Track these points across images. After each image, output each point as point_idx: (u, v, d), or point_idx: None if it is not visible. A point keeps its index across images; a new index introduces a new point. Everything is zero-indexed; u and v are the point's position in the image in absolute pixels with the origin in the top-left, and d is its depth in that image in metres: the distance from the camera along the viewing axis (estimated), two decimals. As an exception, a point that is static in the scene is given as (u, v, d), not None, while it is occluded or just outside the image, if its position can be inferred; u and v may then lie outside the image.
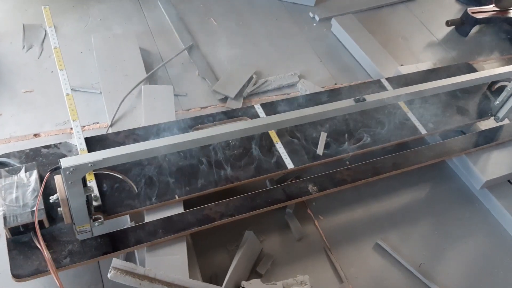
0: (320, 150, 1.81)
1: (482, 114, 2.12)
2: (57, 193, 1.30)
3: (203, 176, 1.64)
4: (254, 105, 1.92)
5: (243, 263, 1.57)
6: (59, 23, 2.31)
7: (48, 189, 1.47)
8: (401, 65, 2.40)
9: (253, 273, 1.61)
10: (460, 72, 2.13)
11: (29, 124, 1.88)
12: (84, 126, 1.92)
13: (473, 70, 2.31)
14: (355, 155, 1.85)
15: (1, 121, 1.87)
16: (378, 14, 2.84)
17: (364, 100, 1.54)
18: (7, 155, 1.59)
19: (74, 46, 2.22)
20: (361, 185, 1.89)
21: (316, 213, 1.82)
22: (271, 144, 1.79)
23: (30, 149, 1.62)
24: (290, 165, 1.74)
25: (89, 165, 1.22)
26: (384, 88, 2.10)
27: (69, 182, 1.24)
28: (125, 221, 1.61)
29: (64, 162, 1.20)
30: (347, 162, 1.94)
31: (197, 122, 1.79)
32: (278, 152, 1.77)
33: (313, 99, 1.99)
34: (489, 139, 2.03)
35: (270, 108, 1.92)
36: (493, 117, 2.11)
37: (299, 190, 1.70)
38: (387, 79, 2.15)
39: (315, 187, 1.71)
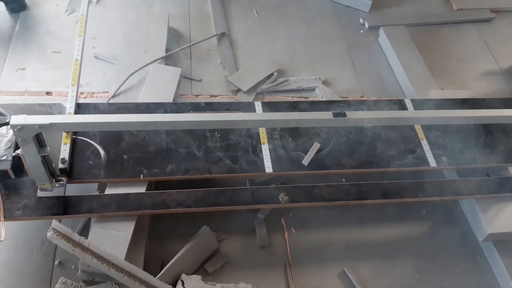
0: (306, 161, 1.71)
1: (517, 160, 1.85)
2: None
3: (175, 162, 1.63)
4: (255, 102, 1.85)
5: (190, 257, 1.54)
6: (106, -6, 2.43)
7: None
8: (442, 89, 2.18)
9: (201, 270, 1.57)
10: (504, 108, 1.88)
11: (46, 82, 2.00)
12: (93, 93, 2.00)
13: (522, 108, 2.02)
14: (355, 173, 1.73)
15: (23, 74, 2.01)
16: (439, 30, 2.59)
17: (344, 115, 1.42)
18: (3, 106, 1.70)
19: (112, 17, 2.31)
20: (348, 207, 1.76)
21: (290, 225, 1.73)
22: (257, 144, 1.73)
23: (26, 104, 1.73)
24: (269, 169, 1.67)
25: (36, 126, 1.27)
26: (404, 109, 1.92)
27: (20, 139, 1.30)
28: (94, 189, 1.66)
29: (13, 120, 1.25)
30: (343, 180, 1.83)
31: (190, 108, 1.78)
32: (261, 154, 1.70)
33: (319, 107, 1.88)
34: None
35: (271, 108, 1.85)
36: (528, 165, 1.84)
37: (268, 196, 1.62)
38: (411, 100, 1.96)
39: (286, 197, 1.62)
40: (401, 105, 1.94)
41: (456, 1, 2.74)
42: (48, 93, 1.97)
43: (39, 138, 1.35)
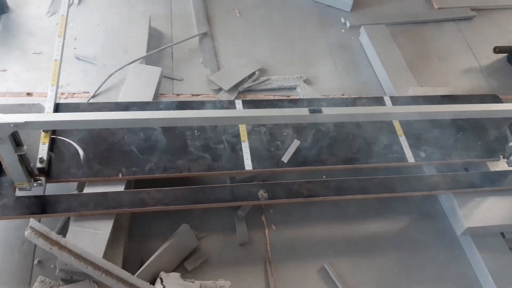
0: (286, 158, 1.72)
1: (494, 154, 1.87)
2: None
3: (154, 161, 1.63)
4: (235, 101, 1.87)
5: (169, 255, 1.54)
6: (88, -5, 2.43)
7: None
8: (421, 86, 2.20)
9: (180, 268, 1.57)
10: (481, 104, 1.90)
11: (27, 83, 2.00)
12: (74, 94, 2.00)
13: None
14: (335, 169, 1.75)
15: (4, 76, 2.01)
16: (420, 29, 2.62)
17: (320, 111, 1.43)
18: (-16, 107, 1.70)
19: (94, 17, 2.32)
20: (328, 203, 1.77)
21: (271, 222, 1.73)
22: (237, 142, 1.74)
23: (6, 105, 1.73)
24: (249, 166, 1.68)
25: (12, 125, 1.27)
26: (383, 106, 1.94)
27: (-5, 138, 1.30)
28: (74, 188, 1.66)
29: (-12, 118, 1.26)
30: (324, 177, 1.84)
31: (170, 107, 1.79)
32: (242, 151, 1.71)
33: (299, 104, 1.90)
34: (490, 182, 1.79)
35: (251, 106, 1.86)
36: (506, 160, 1.86)
37: (247, 193, 1.63)
38: (391, 97, 1.98)
39: (266, 194, 1.63)
40: (380, 102, 1.96)
41: None
42: (28, 94, 1.97)
43: (15, 137, 1.35)
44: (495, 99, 2.08)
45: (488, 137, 1.92)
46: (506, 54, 2.54)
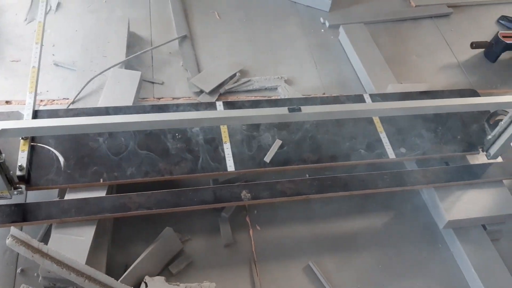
0: (268, 158, 1.72)
1: (472, 148, 1.90)
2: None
3: (135, 165, 1.63)
4: (216, 102, 1.87)
5: (154, 259, 1.54)
6: (66, 1, 2.41)
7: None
8: (401, 83, 2.22)
9: (165, 271, 1.57)
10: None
11: (5, 90, 1.98)
12: (53, 100, 1.98)
13: (478, 98, 2.08)
14: (316, 168, 1.75)
15: (-18, 85, 1.99)
16: (398, 27, 2.65)
17: (299, 110, 1.44)
18: (-38, 115, 1.68)
19: (72, 23, 2.30)
20: (313, 201, 1.78)
21: (255, 222, 1.74)
22: (219, 143, 1.74)
23: (-17, 113, 1.71)
24: (231, 167, 1.68)
25: (-14, 132, 1.26)
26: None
27: (-29, 146, 1.28)
28: (54, 195, 1.64)
29: (-38, 126, 1.24)
30: (307, 175, 1.85)
31: (149, 110, 1.78)
32: (224, 153, 1.71)
33: (280, 104, 1.90)
34: (470, 175, 1.82)
35: (232, 107, 1.87)
36: (484, 153, 1.89)
37: (230, 194, 1.62)
38: (370, 95, 2.00)
39: (249, 194, 1.63)
40: (360, 100, 1.98)
41: (414, -3, 2.81)
42: (7, 102, 1.95)
43: (-8, 145, 1.34)
44: (473, 93, 2.12)
45: (467, 131, 1.94)
46: (483, 49, 2.58)
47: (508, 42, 2.45)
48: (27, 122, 1.39)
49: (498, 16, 2.84)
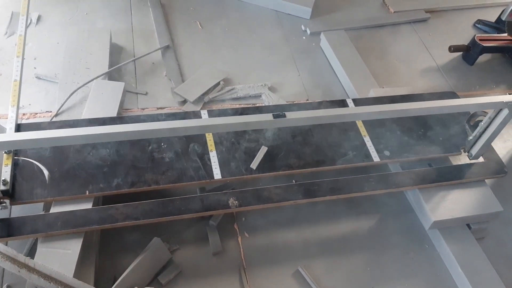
0: (254, 164, 1.73)
1: (454, 149, 1.94)
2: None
3: (121, 175, 1.62)
4: (201, 111, 1.87)
5: (142, 270, 1.52)
6: (46, 13, 2.40)
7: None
8: (382, 88, 2.26)
9: (154, 282, 1.55)
10: (440, 101, 1.97)
11: (-14, 105, 1.96)
12: (36, 113, 1.96)
13: (458, 100, 2.12)
14: (303, 173, 1.77)
15: (-38, 99, 1.96)
16: (378, 33, 2.69)
17: (283, 116, 1.46)
18: None
19: (53, 36, 2.29)
20: (301, 206, 1.79)
21: (243, 229, 1.74)
22: (205, 152, 1.74)
23: (-35, 128, 1.68)
24: (218, 175, 1.68)
25: (-31, 147, 1.24)
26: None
27: (-47, 161, 1.26)
28: (40, 209, 1.62)
29: None
30: (294, 181, 1.85)
31: (133, 121, 1.78)
32: (210, 161, 1.72)
33: (266, 111, 1.91)
34: (453, 176, 1.85)
35: (217, 115, 1.87)
36: (466, 154, 1.93)
37: (218, 202, 1.62)
38: (353, 100, 2.03)
39: (236, 202, 1.63)
40: (343, 105, 2.00)
41: (392, 3, 2.86)
42: (-12, 116, 1.93)
43: (-25, 160, 1.32)
44: (453, 95, 2.16)
45: (449, 133, 1.98)
46: (461, 53, 2.64)
47: (485, 45, 2.51)
48: (12, 135, 1.37)
49: (474, 20, 2.90)
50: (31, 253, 1.52)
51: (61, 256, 1.44)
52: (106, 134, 1.35)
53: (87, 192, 1.56)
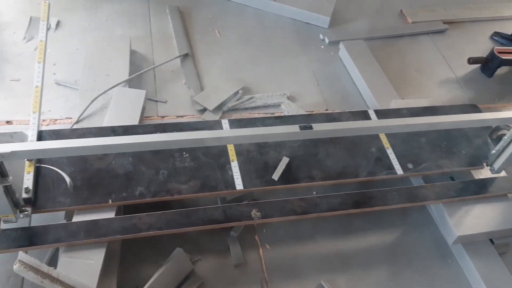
0: (276, 176, 1.71)
1: (477, 162, 1.92)
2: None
3: (143, 184, 1.60)
4: (221, 120, 1.86)
5: (165, 280, 1.50)
6: (65, 19, 2.40)
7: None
8: (403, 99, 2.24)
9: (176, 293, 1.54)
10: (462, 113, 1.94)
11: (5, 111, 1.95)
12: (56, 120, 1.95)
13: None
14: (325, 185, 1.74)
15: (-19, 105, 1.95)
16: (396, 43, 2.68)
17: (310, 128, 1.44)
18: (-37, 137, 1.64)
19: (73, 42, 2.29)
20: (321, 219, 1.77)
21: (264, 241, 1.72)
22: (226, 162, 1.72)
23: (-14, 134, 1.67)
24: (239, 186, 1.67)
25: (-3, 155, 1.23)
26: (368, 119, 1.96)
27: (-20, 169, 1.25)
28: (61, 218, 1.61)
29: (-28, 149, 1.21)
30: (314, 193, 1.84)
31: (156, 130, 1.77)
32: (231, 171, 1.70)
33: (287, 121, 1.90)
34: (477, 190, 1.83)
35: (238, 125, 1.86)
36: (489, 168, 1.90)
37: (240, 213, 1.61)
38: (375, 111, 2.01)
39: (259, 213, 1.61)
40: (365, 116, 1.99)
41: (410, 14, 2.85)
42: (8, 122, 1.92)
43: (0, 168, 1.31)
44: (475, 108, 2.14)
45: (471, 146, 1.96)
46: (479, 65, 2.62)
47: (504, 58, 2.49)
48: (37, 144, 1.36)
49: (491, 32, 2.89)
50: (52, 263, 1.50)
51: (84, 266, 1.42)
52: (130, 144, 1.33)
53: (110, 200, 1.55)
